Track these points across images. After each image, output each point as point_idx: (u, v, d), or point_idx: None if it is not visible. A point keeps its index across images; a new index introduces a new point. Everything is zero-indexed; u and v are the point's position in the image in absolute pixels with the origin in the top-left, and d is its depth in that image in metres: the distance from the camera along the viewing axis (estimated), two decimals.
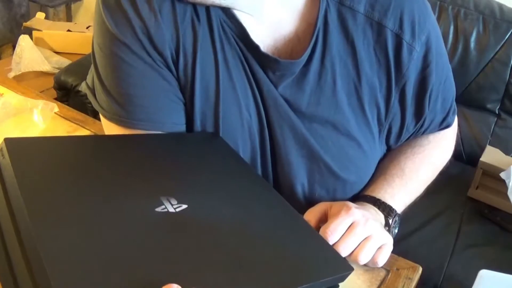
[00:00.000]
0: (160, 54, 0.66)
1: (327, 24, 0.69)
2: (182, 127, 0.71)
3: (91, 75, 0.73)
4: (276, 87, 0.70)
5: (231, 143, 0.71)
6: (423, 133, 0.83)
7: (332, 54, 0.70)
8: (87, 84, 0.75)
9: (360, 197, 0.76)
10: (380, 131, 0.77)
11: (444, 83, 0.78)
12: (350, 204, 0.68)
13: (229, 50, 0.69)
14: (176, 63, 0.68)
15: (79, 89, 1.63)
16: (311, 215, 0.69)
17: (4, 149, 0.54)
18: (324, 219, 0.68)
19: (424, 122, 0.79)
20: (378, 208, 0.73)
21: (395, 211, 0.74)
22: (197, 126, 0.71)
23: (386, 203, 0.74)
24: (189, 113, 0.71)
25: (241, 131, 0.71)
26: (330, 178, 0.74)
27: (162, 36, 0.65)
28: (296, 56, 0.70)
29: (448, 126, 0.84)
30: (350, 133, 0.73)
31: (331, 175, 0.74)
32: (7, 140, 0.55)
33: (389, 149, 0.83)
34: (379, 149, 0.80)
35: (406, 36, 0.71)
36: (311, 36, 0.69)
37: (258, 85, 0.70)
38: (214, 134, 0.71)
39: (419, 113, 0.77)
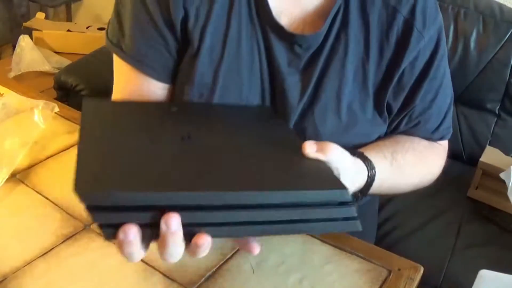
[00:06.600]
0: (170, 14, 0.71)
1: (348, 2, 0.72)
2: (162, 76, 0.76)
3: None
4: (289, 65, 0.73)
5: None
6: (414, 129, 0.83)
7: (348, 31, 0.73)
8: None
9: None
10: (377, 110, 0.79)
11: (441, 87, 0.79)
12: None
13: (246, 22, 0.72)
14: (186, 23, 0.72)
15: (79, 88, 1.62)
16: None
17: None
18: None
19: (411, 113, 0.80)
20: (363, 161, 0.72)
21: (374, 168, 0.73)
22: (196, 87, 0.74)
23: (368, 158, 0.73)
24: (189, 73, 0.74)
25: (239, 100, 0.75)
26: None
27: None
28: (312, 31, 0.73)
29: (440, 138, 0.86)
30: (353, 106, 0.76)
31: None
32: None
33: None
34: (381, 124, 0.81)
35: (418, 24, 0.73)
36: (328, 13, 0.72)
37: (270, 60, 0.73)
38: (269, 108, 0.76)
39: (408, 102, 0.78)
